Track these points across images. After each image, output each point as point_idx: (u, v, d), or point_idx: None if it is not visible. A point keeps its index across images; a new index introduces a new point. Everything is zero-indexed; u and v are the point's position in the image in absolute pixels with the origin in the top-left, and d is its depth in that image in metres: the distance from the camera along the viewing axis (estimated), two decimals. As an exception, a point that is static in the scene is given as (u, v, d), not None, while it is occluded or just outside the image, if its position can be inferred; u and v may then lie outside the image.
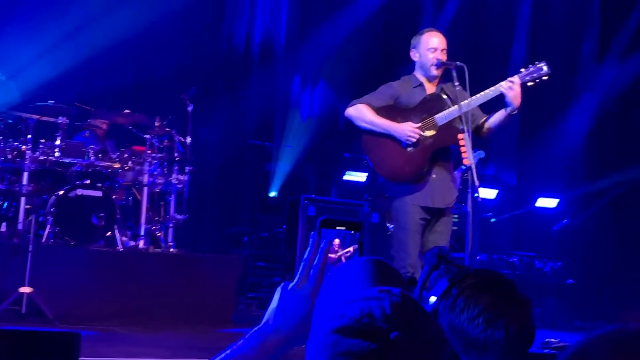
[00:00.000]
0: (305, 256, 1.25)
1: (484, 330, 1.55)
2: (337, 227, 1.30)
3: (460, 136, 4.22)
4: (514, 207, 10.21)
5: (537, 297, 8.69)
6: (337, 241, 1.20)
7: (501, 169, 10.46)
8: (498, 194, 9.67)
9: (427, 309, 1.69)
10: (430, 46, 4.57)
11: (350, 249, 1.17)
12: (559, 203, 10.01)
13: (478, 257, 8.72)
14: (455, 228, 7.24)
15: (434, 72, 4.55)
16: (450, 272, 1.75)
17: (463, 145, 4.16)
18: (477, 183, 4.06)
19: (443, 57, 4.54)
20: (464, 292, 1.60)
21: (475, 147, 6.58)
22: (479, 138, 4.69)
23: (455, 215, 7.23)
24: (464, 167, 4.63)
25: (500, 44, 10.07)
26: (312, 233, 1.25)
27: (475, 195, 4.07)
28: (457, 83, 4.37)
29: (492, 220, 9.77)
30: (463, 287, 1.62)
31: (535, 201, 10.12)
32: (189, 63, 8.97)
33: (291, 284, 1.24)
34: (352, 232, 1.31)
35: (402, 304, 0.92)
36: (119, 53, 8.48)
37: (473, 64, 4.40)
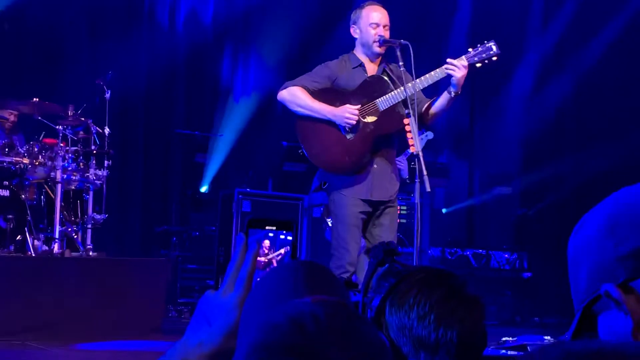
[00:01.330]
0: (231, 261, 1.22)
1: (435, 329, 1.55)
2: (267, 227, 1.27)
3: (406, 121, 4.23)
4: (467, 197, 10.36)
5: (493, 293, 8.85)
6: (267, 243, 1.18)
7: (453, 155, 10.59)
8: (449, 182, 9.78)
9: (372, 308, 1.69)
10: (372, 21, 4.56)
11: (282, 251, 1.16)
12: (514, 192, 10.18)
13: (430, 252, 8.82)
14: (403, 221, 7.32)
15: (376, 49, 4.55)
16: (395, 272, 1.75)
17: (409, 132, 4.17)
18: (424, 172, 4.08)
19: (386, 34, 4.54)
20: (413, 289, 1.61)
21: (422, 129, 6.67)
22: (423, 125, 4.71)
23: (403, 207, 7.30)
24: (410, 153, 4.64)
25: (442, 19, 10.17)
26: (239, 234, 1.22)
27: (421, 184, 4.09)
28: (401, 63, 4.37)
29: (444, 211, 9.89)
30: (412, 282, 1.62)
31: (491, 190, 10.28)
32: (105, 43, 8.80)
33: (216, 292, 1.21)
34: (284, 232, 1.28)
35: (339, 315, 0.90)
36: (23, 34, 8.28)
37: (413, 41, 4.40)
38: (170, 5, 9.59)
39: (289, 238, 1.28)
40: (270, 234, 1.27)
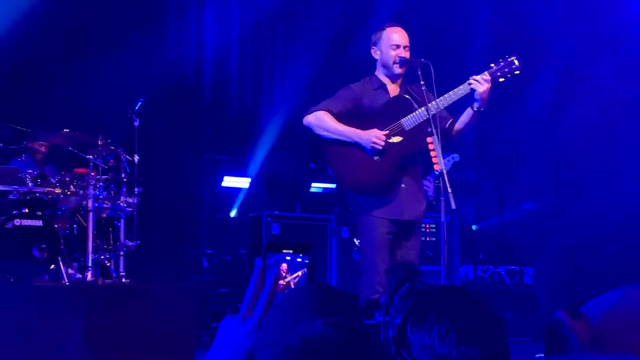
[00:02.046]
0: (250, 285, 1.25)
1: (456, 347, 1.56)
2: (284, 251, 1.30)
3: (429, 140, 4.25)
4: (497, 213, 10.30)
5: (527, 309, 8.76)
6: (284, 266, 1.21)
7: (482, 171, 10.55)
8: (479, 199, 9.74)
9: (394, 327, 1.71)
10: (392, 42, 4.60)
11: (299, 273, 1.19)
12: (543, 207, 10.10)
13: (461, 270, 8.77)
14: (433, 239, 7.30)
15: (397, 70, 4.58)
16: (416, 291, 1.77)
17: (433, 150, 4.19)
18: (449, 190, 4.09)
19: (406, 55, 4.58)
20: (434, 307, 1.62)
21: (449, 150, 6.67)
22: (448, 142, 4.73)
23: (432, 225, 7.28)
24: (437, 173, 4.64)
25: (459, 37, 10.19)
26: (257, 259, 1.25)
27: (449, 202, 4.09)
28: (422, 82, 4.40)
29: (474, 228, 9.84)
30: (433, 301, 1.63)
31: (521, 205, 10.21)
32: (132, 72, 8.94)
33: (236, 316, 1.24)
34: (301, 255, 1.31)
35: (349, 336, 0.93)
36: (53, 65, 8.43)
37: (434, 60, 4.43)
38: (195, 30, 9.72)
39: (306, 261, 1.31)
40: (288, 257, 1.30)
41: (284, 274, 1.22)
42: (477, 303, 1.64)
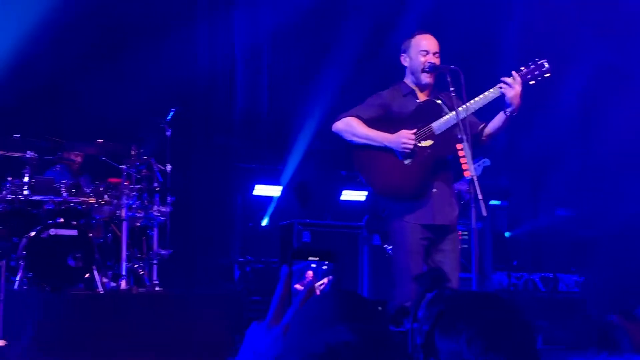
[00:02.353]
0: (276, 292, 1.26)
1: (484, 353, 1.56)
2: (310, 258, 1.31)
3: (459, 146, 4.24)
4: (530, 220, 10.21)
5: (562, 316, 8.67)
6: (310, 273, 1.22)
7: (514, 177, 10.48)
8: (511, 205, 9.67)
9: (422, 334, 1.71)
10: (422, 49, 4.59)
11: (325, 280, 1.20)
12: (578, 213, 10.01)
13: (494, 277, 8.71)
14: (465, 246, 7.26)
15: (426, 77, 4.56)
16: (444, 298, 1.77)
17: (463, 156, 4.17)
18: (480, 196, 4.06)
19: (436, 61, 4.57)
20: (462, 313, 1.62)
21: (479, 155, 6.64)
22: (480, 147, 4.70)
23: (464, 232, 7.24)
24: (469, 179, 4.59)
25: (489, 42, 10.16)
26: (283, 266, 1.26)
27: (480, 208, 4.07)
28: (452, 89, 4.39)
29: (507, 235, 9.76)
30: (460, 307, 1.63)
31: (555, 211, 10.13)
32: (166, 83, 9.03)
33: (262, 323, 1.25)
34: (326, 262, 1.32)
35: (372, 342, 0.94)
36: (87, 77, 8.55)
37: (464, 65, 4.42)
38: (226, 39, 9.78)
39: (331, 268, 1.32)
40: (313, 265, 1.31)
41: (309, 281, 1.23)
42: (505, 309, 1.63)
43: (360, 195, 8.61)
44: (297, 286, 1.22)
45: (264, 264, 8.58)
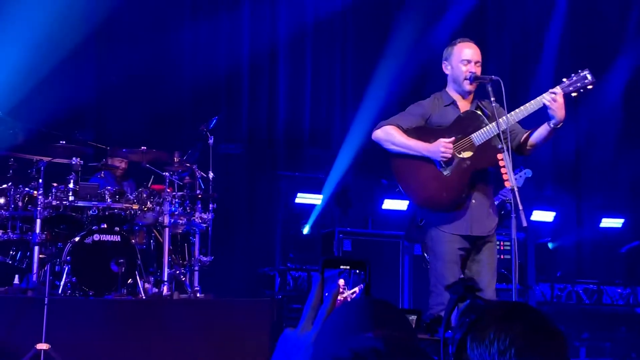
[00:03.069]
0: (308, 299, 1.28)
1: (516, 362, 1.56)
2: (341, 267, 1.33)
3: (499, 156, 4.21)
4: (574, 230, 10.09)
5: (606, 329, 8.57)
6: (341, 282, 1.24)
7: (558, 188, 10.37)
8: (556, 216, 9.57)
9: (453, 343, 1.72)
10: (463, 58, 4.57)
11: (356, 289, 1.21)
12: (624, 223, 9.86)
13: (537, 288, 8.62)
14: (507, 257, 7.19)
15: (467, 87, 4.54)
16: (476, 308, 1.77)
17: (503, 167, 4.14)
18: (520, 207, 4.03)
19: (477, 71, 4.54)
20: (494, 323, 1.62)
21: (520, 166, 6.58)
22: (523, 156, 4.66)
23: (506, 243, 7.19)
24: (509, 189, 4.54)
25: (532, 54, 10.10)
26: (314, 274, 1.29)
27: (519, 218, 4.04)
28: (493, 99, 4.36)
29: (550, 246, 9.65)
30: (492, 317, 1.64)
31: (599, 222, 10.00)
32: (207, 92, 9.14)
33: (295, 330, 1.27)
34: (357, 271, 1.34)
35: (399, 349, 0.95)
36: (132, 86, 8.68)
37: (504, 76, 4.39)
38: (269, 46, 9.84)
39: (363, 277, 1.33)
40: (345, 273, 1.33)
41: (341, 290, 1.25)
42: (537, 319, 1.63)
43: (402, 204, 8.58)
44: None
45: (304, 272, 8.61)
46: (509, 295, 4.81)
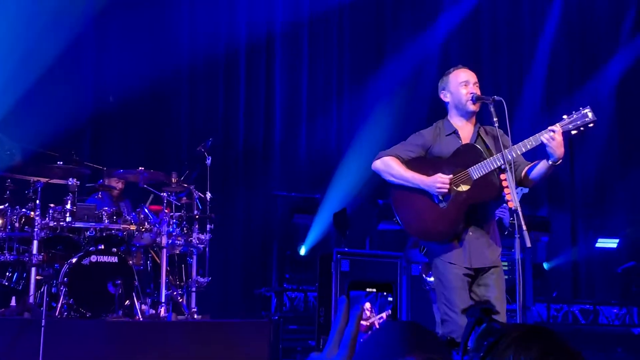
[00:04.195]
0: (334, 323, 1.26)
1: (534, 385, 1.54)
2: (367, 289, 1.31)
3: (502, 176, 4.19)
4: (570, 251, 10.10)
5: (603, 350, 8.55)
6: (368, 305, 1.22)
7: (553, 208, 10.39)
8: (550, 236, 9.57)
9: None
10: (461, 81, 4.56)
11: (383, 315, 1.19)
12: (619, 243, 9.88)
13: (534, 309, 8.60)
14: (506, 277, 7.17)
15: (471, 107, 4.52)
16: (493, 331, 1.75)
17: (507, 187, 4.13)
18: (524, 227, 4.01)
19: (477, 91, 4.54)
20: (512, 346, 1.60)
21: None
22: (522, 187, 4.65)
23: (504, 263, 7.17)
24: (513, 209, 4.49)
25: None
26: (341, 297, 1.26)
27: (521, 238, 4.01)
28: (495, 119, 4.35)
29: (546, 266, 9.65)
30: (510, 340, 1.62)
31: (595, 242, 10.01)
32: (204, 112, 9.15)
33: (321, 354, 1.25)
34: (384, 293, 1.32)
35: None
36: (128, 106, 8.67)
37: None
38: (265, 71, 9.86)
39: (389, 299, 1.31)
40: (371, 296, 1.31)
41: (367, 313, 1.23)
42: (556, 340, 1.61)
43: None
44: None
45: (301, 293, 8.57)
46: (510, 316, 4.78)
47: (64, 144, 7.72)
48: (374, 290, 1.31)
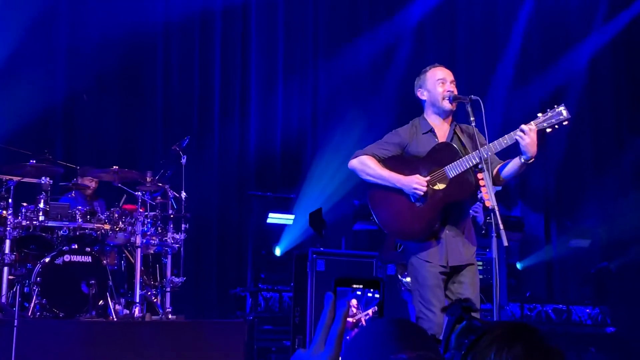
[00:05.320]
0: (321, 319, 1.26)
1: (516, 382, 1.55)
2: (354, 286, 1.31)
3: (479, 175, 4.21)
4: (543, 251, 10.18)
5: (576, 349, 8.62)
6: (354, 302, 1.22)
7: (527, 208, 10.47)
8: (523, 236, 9.63)
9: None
10: (438, 78, 4.57)
11: (370, 311, 1.19)
12: (592, 244, 9.97)
13: (508, 308, 8.65)
14: (481, 277, 7.21)
15: (448, 106, 4.53)
16: (474, 329, 1.76)
17: (484, 186, 4.14)
18: (501, 226, 4.03)
19: (454, 89, 4.55)
20: (493, 344, 1.61)
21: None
22: (494, 186, 4.67)
23: (479, 262, 7.22)
24: (490, 209, 4.50)
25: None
26: (327, 294, 1.26)
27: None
28: (472, 119, 4.37)
29: (519, 266, 9.72)
30: (491, 338, 1.63)
31: (568, 242, 10.09)
32: (180, 112, 9.10)
33: (307, 350, 1.25)
34: (371, 290, 1.32)
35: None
36: (102, 104, 8.61)
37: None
38: (241, 75, 9.83)
39: (376, 296, 1.31)
40: (358, 293, 1.31)
41: (354, 310, 1.23)
42: (538, 338, 1.63)
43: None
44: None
45: (276, 293, 8.56)
46: (484, 315, 4.81)
47: (36, 142, 7.64)
48: (361, 286, 1.31)
